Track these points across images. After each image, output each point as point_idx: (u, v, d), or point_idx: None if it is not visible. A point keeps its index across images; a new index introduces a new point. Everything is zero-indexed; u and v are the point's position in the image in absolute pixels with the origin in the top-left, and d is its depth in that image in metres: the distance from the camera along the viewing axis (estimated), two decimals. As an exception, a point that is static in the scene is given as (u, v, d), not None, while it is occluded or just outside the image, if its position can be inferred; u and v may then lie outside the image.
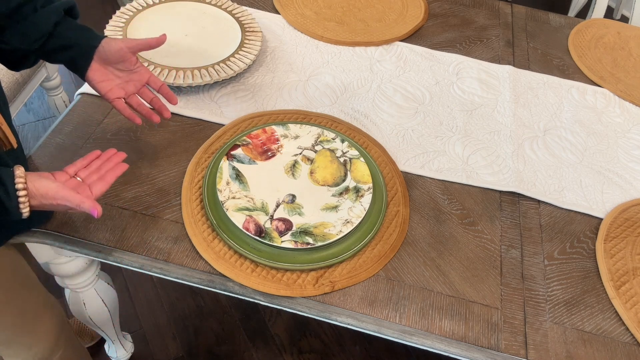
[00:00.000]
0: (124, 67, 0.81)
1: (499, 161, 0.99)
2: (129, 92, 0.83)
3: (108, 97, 0.82)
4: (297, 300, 0.76)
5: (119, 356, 1.33)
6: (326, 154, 0.92)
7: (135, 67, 0.82)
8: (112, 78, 0.81)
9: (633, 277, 0.84)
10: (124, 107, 0.83)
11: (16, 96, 1.45)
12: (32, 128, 1.95)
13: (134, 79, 0.83)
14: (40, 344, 0.93)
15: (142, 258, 0.78)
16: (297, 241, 0.79)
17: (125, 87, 0.82)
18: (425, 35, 1.25)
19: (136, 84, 0.83)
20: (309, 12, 1.25)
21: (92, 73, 0.80)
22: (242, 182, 0.86)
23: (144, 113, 0.85)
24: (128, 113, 0.83)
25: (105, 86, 0.81)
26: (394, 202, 0.88)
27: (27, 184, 0.63)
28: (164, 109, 0.85)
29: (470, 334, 0.76)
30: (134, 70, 0.82)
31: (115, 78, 0.82)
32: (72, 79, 2.15)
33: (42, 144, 0.90)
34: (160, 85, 0.85)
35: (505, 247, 0.86)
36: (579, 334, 0.77)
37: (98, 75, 0.80)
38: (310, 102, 1.04)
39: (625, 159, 1.04)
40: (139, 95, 0.84)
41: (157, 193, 0.85)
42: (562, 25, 1.36)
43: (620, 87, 1.19)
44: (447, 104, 1.09)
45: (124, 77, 0.82)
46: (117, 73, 0.82)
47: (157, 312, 1.49)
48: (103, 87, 0.81)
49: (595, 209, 0.94)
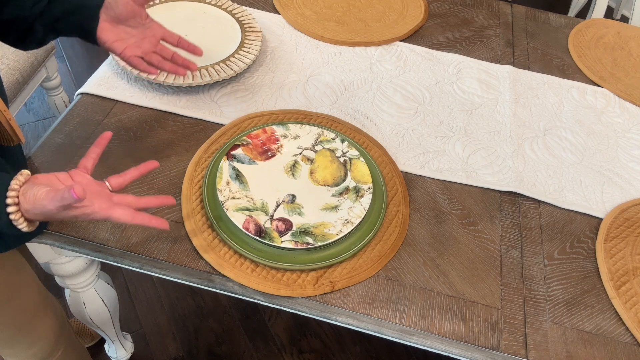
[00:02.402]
0: (136, 22, 0.79)
1: (499, 161, 0.99)
2: (146, 50, 0.80)
3: (124, 56, 0.79)
4: (297, 300, 0.76)
5: (119, 356, 1.33)
6: (326, 154, 0.92)
7: (147, 22, 0.80)
8: (125, 37, 0.79)
9: (633, 277, 0.84)
10: (139, 62, 0.80)
11: (16, 96, 1.45)
12: (32, 128, 1.95)
13: (148, 35, 0.80)
14: (40, 344, 0.93)
15: (142, 258, 0.78)
16: (297, 241, 0.79)
17: (140, 45, 0.80)
18: (425, 35, 1.25)
19: (151, 39, 0.81)
20: (309, 12, 1.25)
21: (104, 34, 0.77)
22: (242, 182, 0.86)
23: (168, 69, 0.82)
24: (144, 67, 0.80)
25: (119, 45, 0.78)
26: (394, 202, 0.88)
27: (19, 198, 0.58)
28: (188, 62, 0.82)
29: (470, 334, 0.76)
30: (147, 25, 0.80)
31: (128, 37, 0.79)
32: (72, 79, 2.15)
33: (42, 144, 0.90)
34: (178, 39, 0.82)
35: (505, 247, 0.86)
36: (579, 334, 0.77)
37: (110, 35, 0.77)
38: (310, 102, 1.04)
39: (625, 159, 1.04)
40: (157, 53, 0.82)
41: (157, 193, 0.85)
42: (562, 25, 1.36)
43: (620, 87, 1.19)
44: (447, 104, 1.09)
45: (137, 35, 0.80)
46: (130, 31, 0.79)
47: (157, 312, 1.49)
48: (118, 46, 0.78)
49: (595, 209, 0.94)
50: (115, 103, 0.98)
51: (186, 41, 0.83)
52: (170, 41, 0.83)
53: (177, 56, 0.83)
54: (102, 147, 0.69)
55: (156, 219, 0.66)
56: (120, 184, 0.67)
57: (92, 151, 0.68)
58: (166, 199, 0.70)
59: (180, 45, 0.84)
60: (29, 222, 0.61)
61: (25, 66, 1.46)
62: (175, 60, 0.83)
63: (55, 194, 0.56)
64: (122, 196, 0.66)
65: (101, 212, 0.61)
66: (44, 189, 0.58)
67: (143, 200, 0.67)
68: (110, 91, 0.99)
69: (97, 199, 0.62)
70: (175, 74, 0.83)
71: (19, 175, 0.60)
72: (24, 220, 0.60)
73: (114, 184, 0.67)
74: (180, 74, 0.84)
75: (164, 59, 0.83)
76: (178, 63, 0.84)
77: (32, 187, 0.59)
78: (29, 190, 0.58)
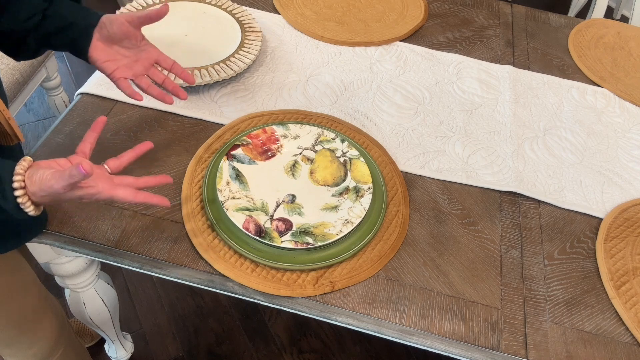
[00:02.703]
0: (130, 44, 0.77)
1: (499, 161, 0.99)
2: (137, 73, 0.79)
3: (113, 77, 0.78)
4: (297, 300, 0.76)
5: (119, 356, 1.33)
6: (326, 154, 0.92)
7: (142, 44, 0.79)
8: (118, 58, 0.78)
9: (633, 277, 0.84)
10: (126, 85, 0.78)
11: (16, 96, 1.45)
12: (32, 128, 1.95)
13: (141, 58, 0.79)
14: (40, 344, 0.93)
15: (142, 258, 0.78)
16: (297, 241, 0.79)
17: (132, 67, 0.78)
18: (425, 35, 1.25)
19: (144, 62, 0.79)
20: (309, 12, 1.25)
21: (96, 53, 0.76)
22: (242, 182, 0.86)
23: (155, 95, 0.80)
24: (130, 91, 0.79)
25: (110, 66, 0.77)
26: (394, 202, 0.88)
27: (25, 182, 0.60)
28: (178, 89, 0.81)
29: (470, 334, 0.76)
30: (142, 48, 0.79)
31: (121, 58, 0.78)
32: (72, 79, 2.15)
33: (42, 144, 0.90)
34: (172, 65, 0.81)
35: (505, 247, 0.86)
36: (579, 334, 0.77)
37: (102, 55, 0.76)
38: (310, 102, 1.04)
39: (625, 159, 1.04)
40: (149, 76, 0.80)
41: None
42: (562, 25, 1.36)
43: (620, 87, 1.19)
44: (447, 104, 1.09)
45: (131, 57, 0.78)
46: (124, 52, 0.78)
47: (157, 312, 1.49)
48: (108, 67, 0.77)
49: (595, 209, 0.94)
50: (115, 103, 0.98)
51: (179, 67, 0.81)
52: (163, 65, 0.81)
53: (169, 82, 0.81)
54: (98, 131, 0.71)
55: (157, 197, 0.69)
56: (118, 167, 0.70)
57: (89, 136, 0.70)
58: (164, 178, 0.73)
59: (172, 70, 0.82)
60: (36, 206, 0.63)
61: (25, 66, 1.46)
62: (166, 85, 0.81)
63: (63, 173, 0.58)
64: (122, 177, 0.69)
65: (105, 192, 0.64)
66: (50, 170, 0.60)
67: (142, 180, 0.70)
68: (110, 91, 0.99)
69: (99, 180, 0.64)
70: (162, 101, 0.81)
71: (22, 161, 0.62)
72: (31, 203, 0.62)
73: (112, 166, 0.70)
74: (167, 103, 0.81)
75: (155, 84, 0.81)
76: (168, 89, 0.82)
77: (37, 171, 0.61)
78: (34, 174, 0.60)
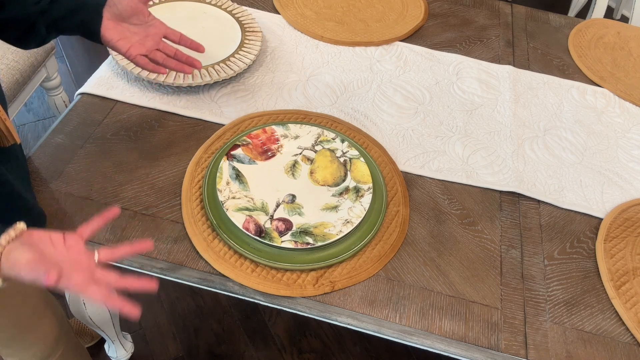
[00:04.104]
0: (138, 20, 0.79)
1: (499, 161, 0.99)
2: (150, 48, 0.80)
3: (130, 55, 0.79)
4: (297, 300, 0.76)
5: (119, 356, 1.34)
6: (326, 154, 0.92)
7: (149, 19, 0.80)
8: (129, 35, 0.79)
9: (633, 277, 0.84)
10: (146, 62, 0.80)
11: (16, 96, 1.45)
12: (32, 128, 1.95)
13: (150, 33, 0.80)
14: (40, 344, 0.93)
15: (142, 258, 0.78)
16: (297, 241, 0.79)
17: (144, 43, 0.80)
18: (425, 35, 1.25)
19: (154, 37, 0.81)
20: (309, 12, 1.25)
21: (108, 32, 0.77)
22: (242, 182, 0.86)
23: (173, 66, 0.82)
24: (152, 67, 0.81)
25: (124, 44, 0.78)
26: (394, 202, 0.88)
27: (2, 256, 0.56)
28: (192, 59, 0.83)
29: (470, 334, 0.76)
30: (149, 23, 0.80)
31: (132, 35, 0.79)
32: (72, 79, 2.15)
33: (42, 144, 0.90)
34: (180, 37, 0.83)
35: (505, 247, 0.86)
36: (579, 334, 0.77)
37: (114, 34, 0.77)
38: (310, 102, 1.04)
39: (625, 159, 1.04)
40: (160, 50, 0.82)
41: (157, 193, 0.85)
42: (562, 25, 1.36)
43: (620, 87, 1.19)
44: (447, 104, 1.09)
45: (140, 33, 0.80)
46: (133, 29, 0.79)
47: (157, 312, 1.49)
48: (122, 45, 0.78)
49: (595, 209, 0.94)
50: (115, 103, 0.98)
51: (188, 38, 0.83)
52: (172, 39, 0.83)
53: (180, 53, 0.84)
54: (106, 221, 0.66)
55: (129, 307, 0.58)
56: (108, 259, 0.63)
57: (96, 222, 0.65)
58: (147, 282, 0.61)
59: (182, 42, 0.83)
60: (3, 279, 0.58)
61: (25, 66, 1.46)
62: (179, 57, 0.83)
63: (33, 271, 0.55)
64: (105, 273, 0.60)
65: (76, 289, 0.58)
66: (28, 256, 0.56)
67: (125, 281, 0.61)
68: (110, 91, 0.99)
69: (77, 272, 0.58)
70: (181, 71, 0.83)
71: (11, 230, 0.58)
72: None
73: (102, 257, 0.63)
74: (186, 72, 0.84)
75: (168, 57, 0.83)
76: (182, 60, 0.83)
77: (17, 248, 0.57)
78: (13, 251, 0.57)
